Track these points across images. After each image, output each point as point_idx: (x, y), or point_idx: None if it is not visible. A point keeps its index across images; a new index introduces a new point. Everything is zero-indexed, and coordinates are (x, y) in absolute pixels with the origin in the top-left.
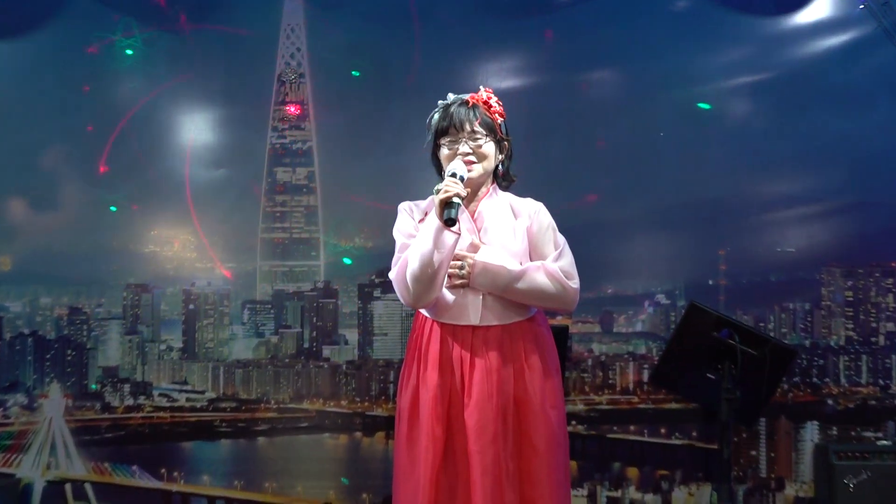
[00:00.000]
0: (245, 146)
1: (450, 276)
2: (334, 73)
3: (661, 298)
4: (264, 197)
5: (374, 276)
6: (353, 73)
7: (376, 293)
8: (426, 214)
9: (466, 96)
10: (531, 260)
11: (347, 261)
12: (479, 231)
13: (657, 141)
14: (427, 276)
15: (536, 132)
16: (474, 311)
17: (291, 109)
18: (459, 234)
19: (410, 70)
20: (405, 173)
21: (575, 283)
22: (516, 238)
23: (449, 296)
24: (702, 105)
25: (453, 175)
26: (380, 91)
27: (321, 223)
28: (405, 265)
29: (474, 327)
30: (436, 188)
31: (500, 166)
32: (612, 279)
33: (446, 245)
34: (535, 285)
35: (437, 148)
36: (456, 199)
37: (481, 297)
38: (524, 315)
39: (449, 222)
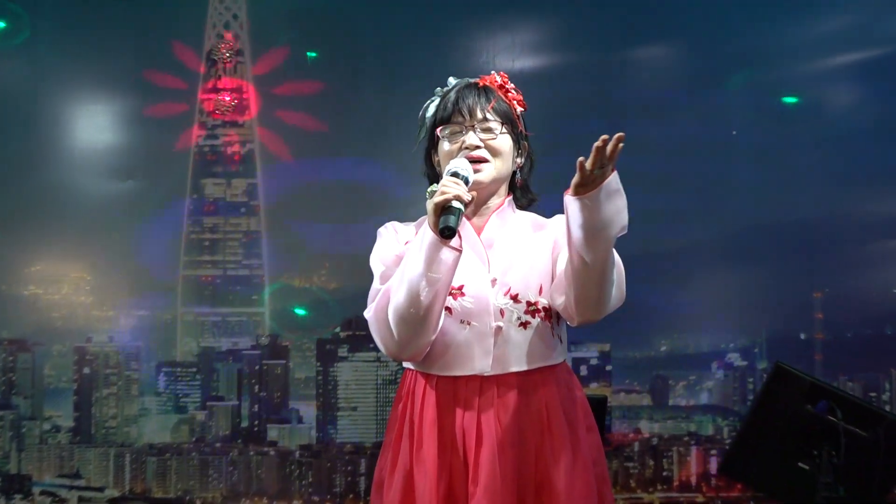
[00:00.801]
0: (162, 149)
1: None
2: (284, 50)
3: (735, 359)
4: (188, 219)
5: (338, 329)
6: (309, 54)
7: (342, 352)
8: (415, 235)
9: (475, 79)
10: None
11: (300, 311)
12: (487, 254)
13: (728, 143)
14: (417, 313)
15: (561, 129)
16: (483, 353)
17: (226, 98)
18: (461, 251)
19: (389, 47)
20: (383, 187)
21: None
22: (541, 257)
23: (446, 333)
24: (787, 99)
25: (455, 175)
26: (348, 75)
27: (266, 255)
28: (386, 299)
29: (482, 378)
30: (429, 190)
31: (517, 173)
32: (666, 332)
33: (444, 265)
34: (617, 259)
35: (432, 147)
36: (457, 204)
37: (493, 328)
38: (548, 358)
39: (446, 233)
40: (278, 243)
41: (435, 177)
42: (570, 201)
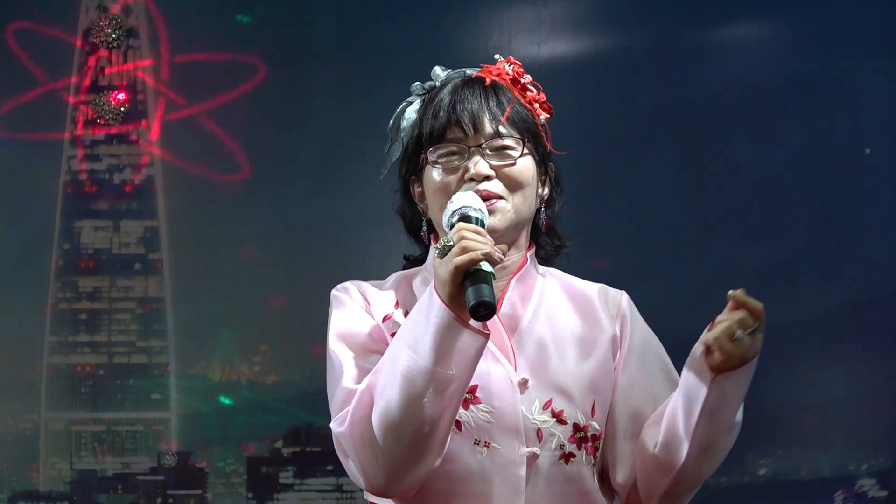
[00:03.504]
0: (14, 175)
1: None
2: (199, 23)
3: (870, 487)
4: (55, 281)
5: (280, 444)
6: (240, 17)
7: (285, 477)
8: (397, 305)
9: (474, 71)
10: (618, 406)
11: (226, 400)
12: (511, 343)
13: (858, 167)
14: (419, 428)
15: (608, 143)
16: (509, 492)
17: (113, 101)
18: (488, 336)
19: (357, 26)
20: (345, 231)
21: None
22: (594, 358)
23: (452, 459)
24: None
25: (465, 218)
26: (296, 65)
27: (173, 334)
28: (366, 405)
29: None
30: (441, 244)
31: (542, 211)
32: (766, 446)
33: (463, 357)
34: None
35: (412, 174)
36: (486, 266)
37: (524, 455)
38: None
39: (482, 311)
40: (191, 316)
41: (415, 216)
42: (706, 387)
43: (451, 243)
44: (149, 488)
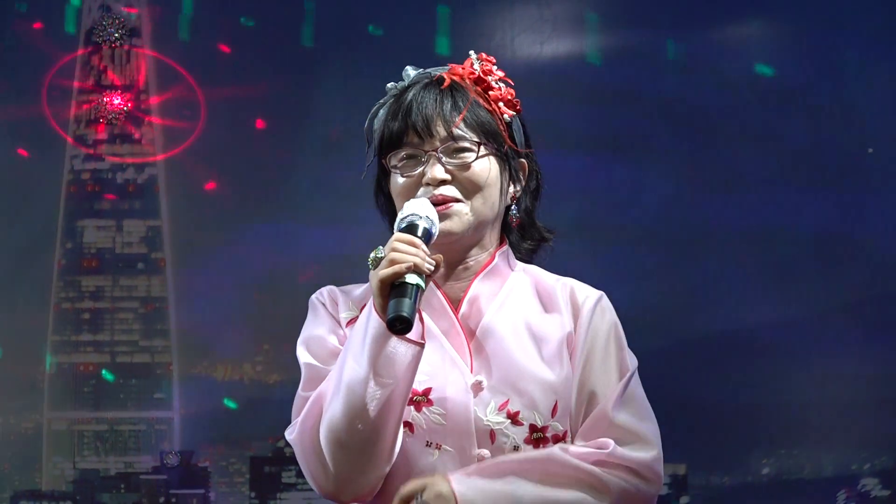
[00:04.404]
0: (17, 175)
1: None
2: (201, 26)
3: (872, 486)
4: (58, 280)
5: (282, 443)
6: (243, 20)
7: (288, 476)
8: (362, 310)
9: (439, 71)
10: (576, 394)
11: (228, 399)
12: (468, 345)
13: (859, 166)
14: (361, 436)
15: (609, 144)
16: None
17: (116, 101)
18: (423, 345)
19: (360, 26)
20: (349, 229)
21: (658, 468)
22: (549, 359)
23: (406, 462)
24: None
25: (408, 228)
26: (299, 68)
27: (175, 333)
28: (316, 414)
29: None
30: (373, 256)
31: (513, 209)
32: (770, 446)
33: (398, 366)
34: None
35: (384, 175)
36: (412, 279)
37: (475, 458)
38: None
39: (398, 325)
40: (193, 315)
41: (392, 213)
42: None
43: (383, 255)
44: (151, 487)
